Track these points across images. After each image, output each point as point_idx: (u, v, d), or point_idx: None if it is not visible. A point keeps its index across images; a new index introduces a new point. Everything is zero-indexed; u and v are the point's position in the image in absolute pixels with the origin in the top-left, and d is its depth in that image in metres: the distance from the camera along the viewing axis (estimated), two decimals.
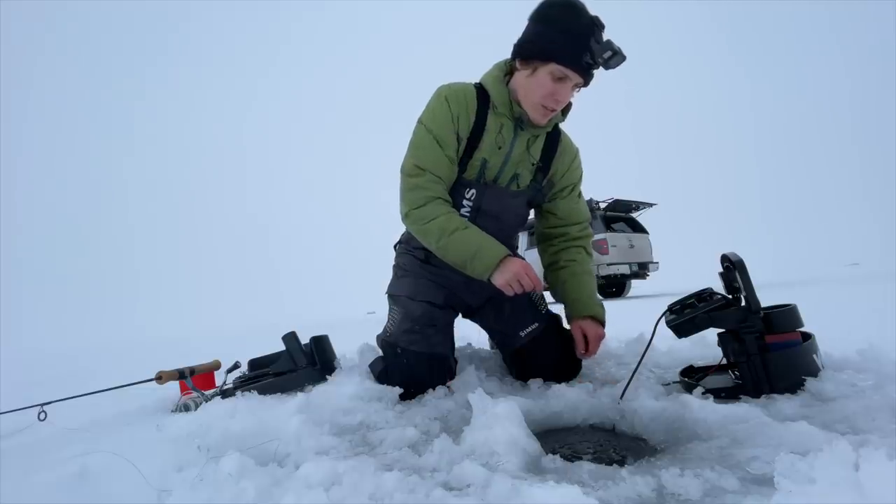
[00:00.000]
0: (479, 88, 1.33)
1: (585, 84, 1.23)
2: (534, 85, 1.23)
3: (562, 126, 1.42)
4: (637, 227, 8.79)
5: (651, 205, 9.17)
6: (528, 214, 1.50)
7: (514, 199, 1.38)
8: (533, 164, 1.37)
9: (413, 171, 1.28)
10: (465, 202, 1.34)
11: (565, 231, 1.47)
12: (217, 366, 1.70)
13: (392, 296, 1.45)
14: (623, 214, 8.85)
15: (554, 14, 1.18)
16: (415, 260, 1.46)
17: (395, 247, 1.59)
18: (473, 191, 1.33)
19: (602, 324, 1.42)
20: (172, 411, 1.42)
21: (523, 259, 1.28)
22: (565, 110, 1.36)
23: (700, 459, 0.77)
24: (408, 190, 1.29)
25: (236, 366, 1.64)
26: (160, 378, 1.47)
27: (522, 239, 8.10)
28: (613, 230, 8.17)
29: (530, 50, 1.21)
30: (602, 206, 8.35)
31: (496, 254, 1.23)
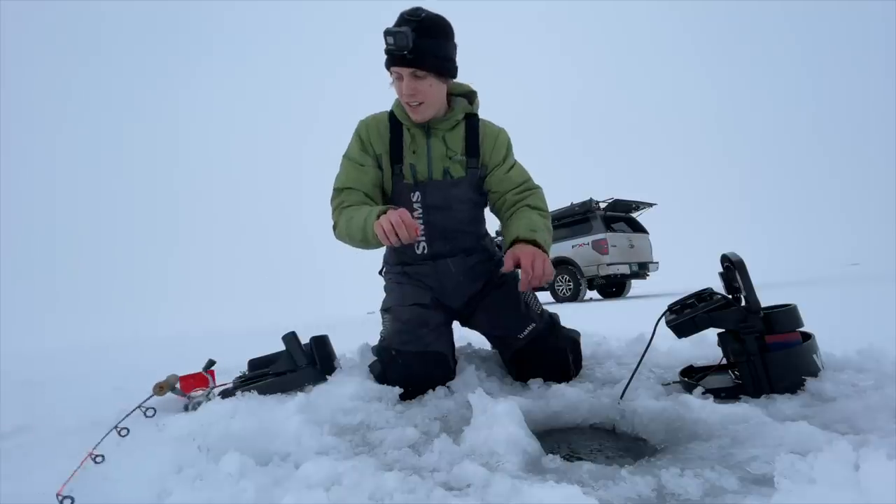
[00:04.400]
0: (391, 113, 1.51)
1: (413, 67, 1.31)
2: (396, 92, 1.41)
3: (483, 116, 1.55)
4: (637, 227, 8.79)
5: (651, 205, 9.17)
6: (483, 202, 1.59)
7: (456, 188, 1.48)
8: (459, 155, 1.48)
9: (335, 195, 1.46)
10: (415, 205, 1.46)
11: (503, 200, 1.53)
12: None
13: (384, 310, 1.52)
14: (623, 214, 8.85)
15: None
16: (396, 271, 1.57)
17: (379, 273, 1.69)
18: (418, 192, 1.46)
19: (543, 250, 1.33)
20: (185, 408, 1.40)
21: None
22: (472, 100, 1.52)
23: (700, 459, 0.77)
24: (333, 211, 1.45)
25: (211, 363, 1.58)
26: (161, 389, 1.46)
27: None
28: (613, 230, 8.17)
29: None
30: (602, 206, 8.35)
31: (374, 212, 1.27)
